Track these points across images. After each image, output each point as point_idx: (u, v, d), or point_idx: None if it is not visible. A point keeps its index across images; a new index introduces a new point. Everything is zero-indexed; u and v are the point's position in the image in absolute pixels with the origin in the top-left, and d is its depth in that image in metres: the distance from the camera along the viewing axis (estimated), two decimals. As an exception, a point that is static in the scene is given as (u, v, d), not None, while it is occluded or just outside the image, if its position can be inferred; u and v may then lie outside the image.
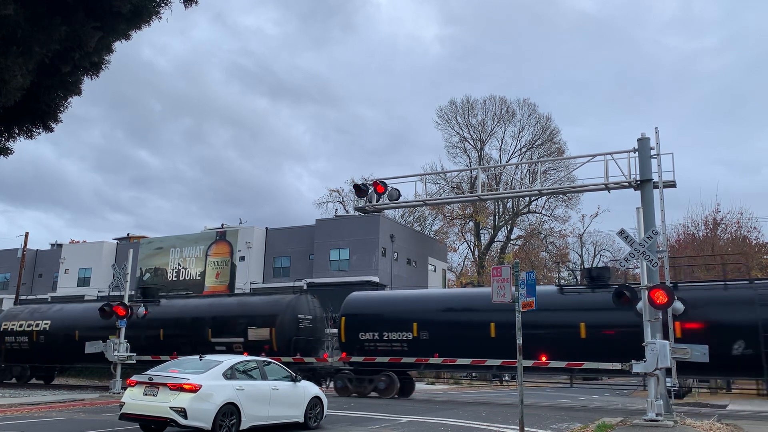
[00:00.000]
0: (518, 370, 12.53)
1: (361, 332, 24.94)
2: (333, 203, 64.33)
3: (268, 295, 30.16)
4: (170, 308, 29.85)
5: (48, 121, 11.24)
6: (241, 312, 27.87)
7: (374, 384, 24.27)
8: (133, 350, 23.42)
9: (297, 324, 26.63)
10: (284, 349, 25.62)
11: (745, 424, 15.63)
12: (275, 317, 26.46)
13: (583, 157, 21.22)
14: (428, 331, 23.79)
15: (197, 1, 10.83)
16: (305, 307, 27.35)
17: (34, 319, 32.24)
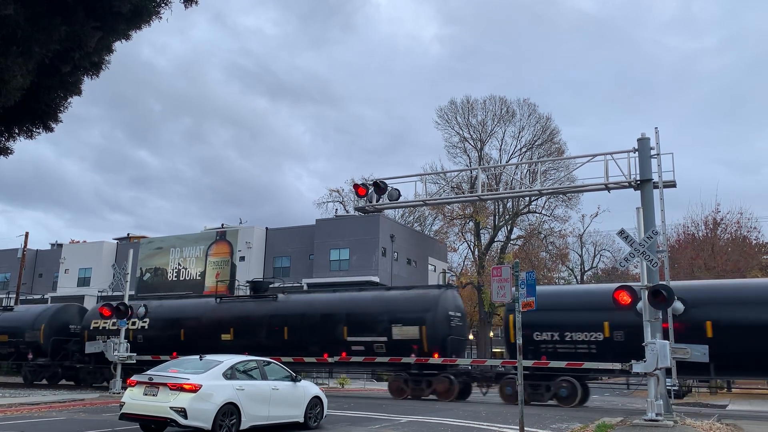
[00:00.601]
0: (518, 370, 12.53)
1: (537, 332, 22.00)
2: (333, 203, 64.37)
3: (408, 290, 27.48)
4: (292, 304, 27.71)
5: (48, 121, 11.24)
6: (382, 308, 25.36)
7: (553, 391, 21.54)
8: (255, 351, 21.35)
9: (449, 322, 24.36)
10: (436, 349, 23.59)
11: (745, 424, 15.63)
12: (425, 314, 24.10)
13: (583, 157, 21.22)
14: (624, 332, 20.67)
15: (197, 1, 10.83)
16: (453, 303, 25.00)
17: None
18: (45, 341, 31.29)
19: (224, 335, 27.32)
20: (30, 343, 31.76)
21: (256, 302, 28.27)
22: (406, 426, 14.73)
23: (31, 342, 31.73)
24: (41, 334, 31.37)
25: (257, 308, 27.86)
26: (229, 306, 29.05)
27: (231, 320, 27.96)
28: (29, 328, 31.73)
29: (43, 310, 33.52)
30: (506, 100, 59.89)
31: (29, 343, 31.72)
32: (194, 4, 10.82)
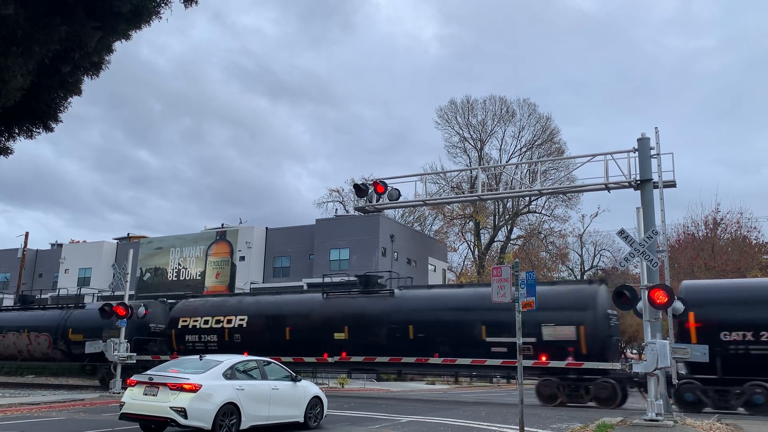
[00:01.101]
0: (518, 370, 12.53)
1: (724, 332, 19.51)
2: (333, 203, 64.38)
3: (553, 285, 25.30)
4: (414, 300, 25.16)
5: (48, 121, 11.24)
6: None
7: (746, 397, 19.24)
8: (374, 351, 20.90)
9: (608, 321, 22.10)
10: (595, 350, 21.16)
11: (745, 424, 15.63)
12: (583, 312, 21.51)
13: (583, 157, 21.25)
14: None
15: (197, 1, 10.83)
16: (608, 300, 21.80)
17: (223, 314, 27.92)
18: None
19: (337, 334, 25.24)
20: None
21: (370, 298, 25.85)
22: (407, 426, 14.73)
23: None
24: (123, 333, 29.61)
25: (372, 304, 25.44)
26: (339, 302, 26.59)
27: (344, 317, 25.61)
28: (108, 327, 28.66)
29: None
30: (506, 100, 60.09)
31: None
32: (194, 3, 10.83)
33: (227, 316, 27.81)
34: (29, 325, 32.02)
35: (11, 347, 32.16)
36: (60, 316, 31.18)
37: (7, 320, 33.42)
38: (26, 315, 33.09)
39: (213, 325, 27.88)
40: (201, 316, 28.38)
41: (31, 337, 31.44)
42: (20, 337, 31.70)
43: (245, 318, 27.26)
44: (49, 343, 30.77)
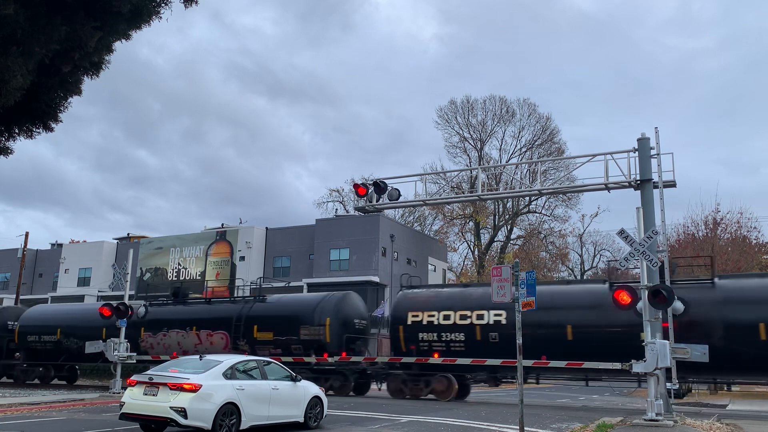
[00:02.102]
0: (518, 370, 12.53)
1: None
2: (333, 203, 64.38)
3: None
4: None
5: (48, 121, 11.25)
6: None
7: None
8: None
9: None
10: None
11: (745, 423, 15.63)
12: None
13: (583, 157, 21.24)
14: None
15: (197, 1, 10.84)
16: None
17: (469, 308, 23.08)
18: (333, 339, 24.66)
19: None
20: (310, 342, 24.99)
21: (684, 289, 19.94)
22: (407, 426, 14.73)
23: (312, 341, 24.93)
24: (327, 331, 24.74)
25: (692, 297, 19.52)
26: None
27: None
28: (308, 323, 25.12)
29: (321, 300, 26.08)
30: (506, 100, 60.10)
31: (309, 342, 25.00)
32: (194, 3, 10.84)
33: (475, 310, 22.96)
34: (197, 320, 27.78)
35: (174, 347, 27.75)
36: (238, 311, 27.01)
37: (167, 316, 29.00)
38: (190, 310, 28.91)
39: (457, 321, 23.11)
40: (437, 310, 23.66)
41: (201, 335, 27.25)
42: (187, 336, 27.52)
43: (502, 313, 22.11)
44: (227, 342, 26.67)
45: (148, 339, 28.66)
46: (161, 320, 28.82)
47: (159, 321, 28.84)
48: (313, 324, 24.98)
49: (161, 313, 29.36)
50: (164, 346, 28.18)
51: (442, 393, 22.69)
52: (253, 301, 27.48)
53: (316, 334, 24.85)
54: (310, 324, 25.09)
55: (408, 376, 23.45)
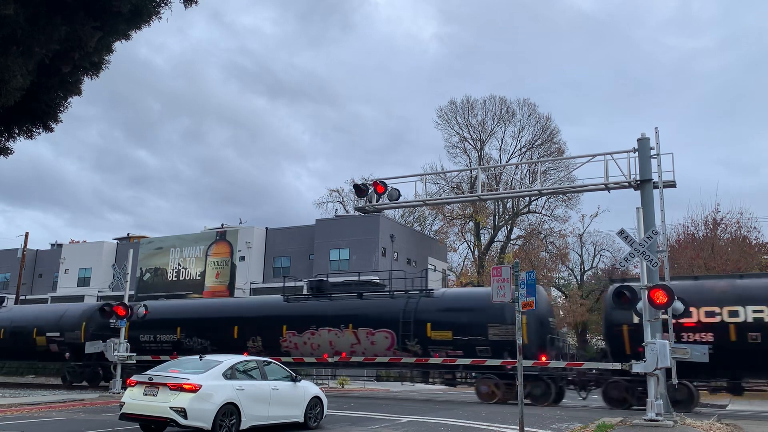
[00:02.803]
0: (518, 370, 12.53)
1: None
2: (333, 203, 64.36)
3: None
4: None
5: (48, 121, 11.25)
6: None
7: None
8: None
9: None
10: None
11: (745, 424, 15.63)
12: None
13: (583, 157, 21.25)
14: None
15: (197, 1, 10.84)
16: None
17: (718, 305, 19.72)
18: (532, 340, 21.73)
19: None
20: (501, 344, 21.82)
21: None
22: (407, 426, 14.73)
23: (504, 342, 21.65)
24: (524, 330, 20.40)
25: None
26: None
27: None
28: (498, 321, 22.01)
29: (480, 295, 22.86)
30: (506, 100, 60.06)
31: (500, 344, 21.78)
32: (194, 3, 10.84)
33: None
34: (352, 317, 25.04)
35: (325, 348, 25.06)
36: (403, 307, 24.18)
37: (312, 311, 26.12)
38: (340, 305, 25.92)
39: (702, 319, 19.88)
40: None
41: (360, 334, 24.39)
42: (341, 335, 24.64)
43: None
44: (392, 342, 23.90)
45: (291, 338, 25.59)
46: (306, 317, 25.84)
47: (304, 318, 25.86)
48: (506, 322, 21.58)
49: (304, 309, 26.41)
50: (312, 347, 25.31)
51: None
52: (418, 295, 24.53)
53: (509, 334, 21.15)
54: (501, 322, 21.76)
55: (628, 383, 20.25)
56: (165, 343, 28.46)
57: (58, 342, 30.59)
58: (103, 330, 27.98)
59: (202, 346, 27.14)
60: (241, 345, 26.27)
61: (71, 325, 30.47)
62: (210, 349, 25.91)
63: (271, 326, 26.24)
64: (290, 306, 26.85)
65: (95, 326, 29.18)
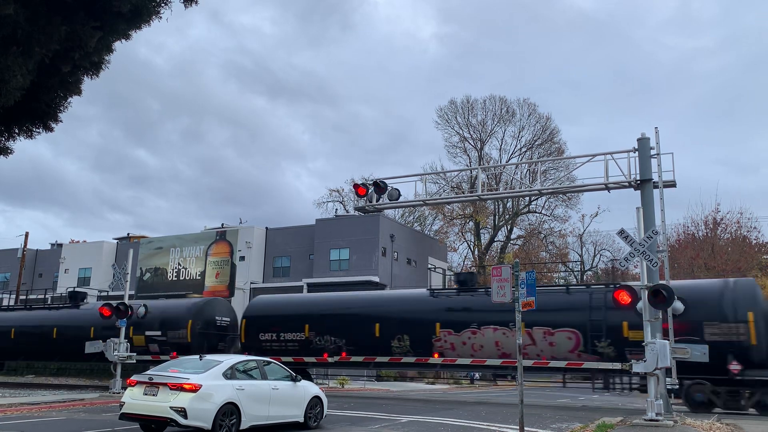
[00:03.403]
0: (518, 370, 12.53)
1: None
2: (333, 203, 64.38)
3: None
4: None
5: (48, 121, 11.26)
6: None
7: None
8: None
9: None
10: None
11: (745, 424, 15.62)
12: None
13: (583, 157, 21.24)
14: None
15: (197, 1, 10.84)
16: None
17: None
18: (761, 341, 19.00)
19: None
20: (723, 345, 18.83)
21: None
22: (407, 426, 14.73)
23: (726, 342, 18.97)
24: (750, 330, 18.93)
25: None
26: None
27: None
28: (717, 318, 19.30)
29: (724, 287, 20.24)
30: (506, 100, 60.08)
31: (721, 345, 18.75)
32: (194, 3, 10.84)
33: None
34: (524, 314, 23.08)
35: (489, 349, 22.28)
36: (587, 303, 21.44)
37: (470, 308, 23.23)
38: None
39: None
40: None
41: (534, 334, 21.45)
42: (511, 334, 21.49)
43: None
44: (577, 343, 21.10)
45: (447, 338, 22.94)
46: (464, 314, 23.06)
47: (462, 315, 23.09)
48: (727, 320, 19.04)
49: (460, 304, 23.60)
50: (474, 348, 22.60)
51: None
52: (604, 290, 21.65)
53: (732, 334, 18.91)
54: (721, 320, 19.09)
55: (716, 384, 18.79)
56: (291, 342, 25.59)
57: (160, 342, 27.64)
58: (209, 328, 27.31)
59: (336, 345, 24.64)
60: (383, 345, 23.78)
61: (175, 322, 27.53)
62: (345, 349, 24.21)
63: (421, 324, 23.32)
64: (441, 301, 24.02)
65: (202, 324, 27.31)
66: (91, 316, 28.60)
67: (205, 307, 28.48)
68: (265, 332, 26.15)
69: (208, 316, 27.88)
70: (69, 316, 30.90)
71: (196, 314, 27.56)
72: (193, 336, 26.80)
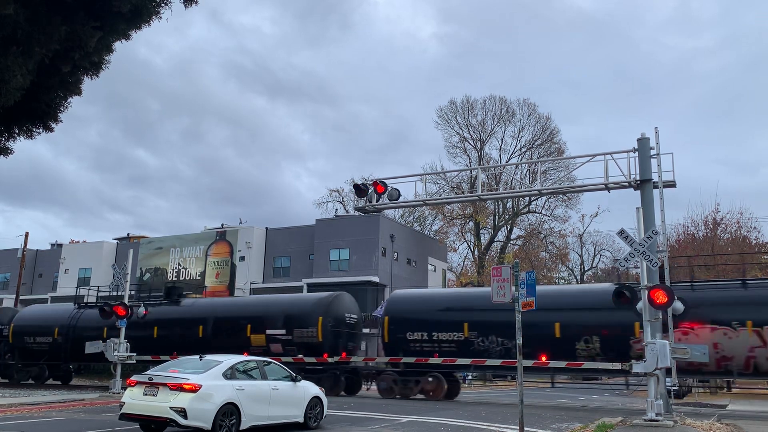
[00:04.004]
0: (518, 370, 12.53)
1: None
2: (333, 203, 64.38)
3: None
4: None
5: (48, 121, 11.26)
6: None
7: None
8: None
9: None
10: None
11: (745, 424, 15.63)
12: None
13: (583, 157, 21.24)
14: None
15: (197, 1, 10.84)
16: None
17: None
18: None
19: None
20: None
21: None
22: (406, 426, 14.73)
23: None
24: None
25: None
26: None
27: None
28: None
29: None
30: (506, 100, 60.11)
31: None
32: (194, 3, 10.84)
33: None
34: (754, 309, 19.37)
35: None
36: None
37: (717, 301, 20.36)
38: (713, 296, 20.61)
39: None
40: None
41: (765, 334, 19.14)
42: (734, 335, 19.36)
43: None
44: None
45: None
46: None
47: None
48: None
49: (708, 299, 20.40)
50: None
51: None
52: None
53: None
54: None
55: None
56: (446, 342, 23.14)
57: (284, 341, 25.27)
58: (340, 326, 25.48)
59: (504, 347, 22.21)
60: (567, 348, 21.23)
61: (303, 319, 25.31)
62: (512, 353, 20.73)
63: (616, 323, 20.63)
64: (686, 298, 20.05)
65: (333, 321, 25.30)
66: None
67: (334, 302, 26.01)
68: (414, 331, 23.71)
69: (337, 312, 25.68)
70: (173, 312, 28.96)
71: (326, 310, 25.36)
72: (325, 335, 24.71)
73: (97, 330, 27.97)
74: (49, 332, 30.61)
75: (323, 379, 22.42)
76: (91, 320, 28.94)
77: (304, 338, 24.81)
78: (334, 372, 24.38)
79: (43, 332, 30.79)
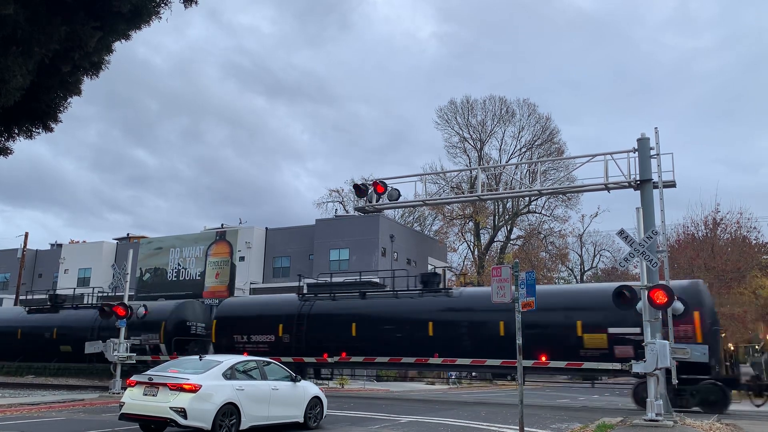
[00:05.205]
0: (518, 370, 12.53)
1: None
2: (333, 203, 64.39)
3: None
4: None
5: (48, 121, 11.24)
6: None
7: None
8: None
9: None
10: None
11: (745, 424, 15.63)
12: None
13: (583, 157, 21.24)
14: None
15: (197, 1, 10.83)
16: None
17: None
18: None
19: None
20: None
21: None
22: (406, 426, 14.72)
23: None
24: None
25: None
26: None
27: None
28: None
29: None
30: (506, 100, 60.13)
31: None
32: (194, 3, 10.82)
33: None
34: None
35: None
36: None
37: None
38: None
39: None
40: None
41: None
42: None
43: None
44: None
45: None
46: None
47: None
48: None
49: None
50: None
51: None
52: None
53: None
54: None
55: None
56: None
57: None
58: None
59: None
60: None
61: None
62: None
63: None
64: None
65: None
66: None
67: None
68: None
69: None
70: None
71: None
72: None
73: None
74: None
75: None
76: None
77: None
78: None
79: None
